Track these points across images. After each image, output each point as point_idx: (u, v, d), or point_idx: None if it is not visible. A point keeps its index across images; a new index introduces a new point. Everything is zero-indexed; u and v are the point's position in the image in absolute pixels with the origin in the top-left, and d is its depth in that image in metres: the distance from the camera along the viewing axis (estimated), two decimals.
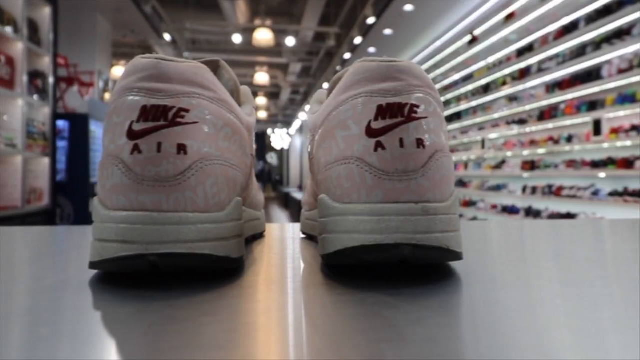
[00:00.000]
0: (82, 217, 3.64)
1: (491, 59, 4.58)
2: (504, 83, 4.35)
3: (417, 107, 0.26)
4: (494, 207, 4.47)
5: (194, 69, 0.27)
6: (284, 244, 0.41)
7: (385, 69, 0.27)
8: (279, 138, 17.70)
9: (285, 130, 17.43)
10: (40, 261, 0.34)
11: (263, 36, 6.18)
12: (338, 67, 7.20)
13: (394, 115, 0.26)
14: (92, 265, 0.25)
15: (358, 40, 5.78)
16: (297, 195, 7.83)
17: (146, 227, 0.24)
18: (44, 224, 3.06)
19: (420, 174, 0.26)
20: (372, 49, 6.21)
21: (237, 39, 6.65)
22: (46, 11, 3.20)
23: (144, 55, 0.27)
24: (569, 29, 3.48)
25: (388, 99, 0.26)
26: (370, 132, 0.26)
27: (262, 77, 8.63)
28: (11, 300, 0.23)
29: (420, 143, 0.26)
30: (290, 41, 6.65)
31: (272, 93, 12.46)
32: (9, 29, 2.70)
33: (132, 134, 0.25)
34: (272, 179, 17.74)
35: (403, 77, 0.27)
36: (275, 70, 9.79)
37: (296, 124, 15.62)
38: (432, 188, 0.26)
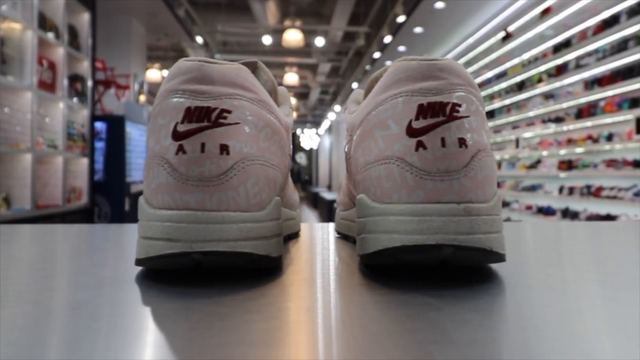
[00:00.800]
0: (119, 216, 3.76)
1: (526, 56, 4.45)
2: (540, 80, 4.23)
3: (459, 106, 0.26)
4: (529, 208, 4.35)
5: (235, 71, 0.27)
6: (319, 244, 0.41)
7: (426, 68, 0.27)
8: (307, 138, 17.77)
9: (314, 130, 17.48)
10: (85, 257, 0.35)
11: (292, 37, 6.22)
12: (367, 67, 7.16)
13: (435, 115, 0.26)
14: (138, 262, 0.26)
15: (388, 39, 5.74)
16: (326, 195, 7.83)
17: (190, 225, 0.25)
18: (83, 222, 3.18)
19: (463, 173, 0.25)
20: (402, 48, 6.16)
21: (267, 40, 6.73)
22: (85, 17, 3.32)
23: (187, 58, 0.27)
24: (610, 23, 3.34)
25: (429, 98, 0.26)
26: (411, 132, 0.26)
27: (291, 78, 8.69)
28: (63, 294, 0.24)
29: (462, 142, 0.25)
30: (319, 41, 6.67)
31: (301, 93, 12.53)
32: (50, 35, 2.82)
33: (176, 135, 0.25)
34: (301, 178, 17.84)
35: (444, 76, 0.26)
36: (304, 71, 9.84)
37: (325, 124, 15.63)
38: (474, 188, 0.25)
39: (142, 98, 5.20)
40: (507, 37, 4.70)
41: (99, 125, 3.75)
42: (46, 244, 0.44)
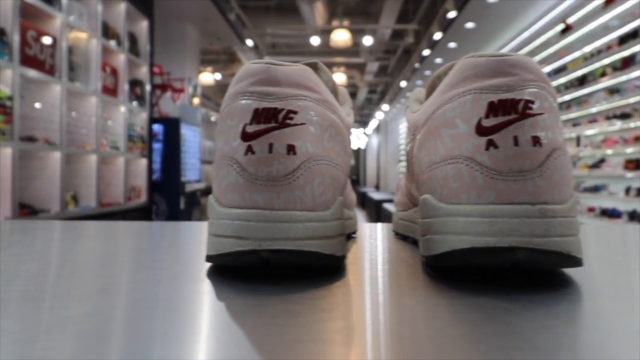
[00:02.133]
0: (174, 214, 3.92)
1: (588, 49, 4.20)
2: (603, 74, 3.98)
3: (532, 102, 0.25)
4: (591, 210, 4.11)
5: (300, 72, 0.28)
6: (378, 244, 0.41)
7: (496, 64, 0.26)
8: (355, 138, 17.73)
9: (361, 130, 17.41)
10: (152, 253, 0.37)
11: (340, 37, 6.23)
12: (416, 65, 7.04)
13: (507, 112, 0.25)
14: (209, 258, 0.27)
15: (438, 35, 5.61)
16: (374, 195, 7.77)
17: (259, 224, 0.25)
18: (142, 219, 3.34)
19: (537, 173, 0.24)
20: (452, 44, 6.00)
21: (315, 40, 6.77)
22: (144, 24, 3.49)
23: (254, 60, 0.28)
24: None
25: (500, 95, 0.25)
26: (481, 130, 0.25)
27: (339, 78, 8.69)
28: (139, 287, 0.25)
29: (536, 141, 0.24)
30: (367, 40, 6.63)
31: (349, 93, 12.50)
32: (112, 43, 2.98)
33: (245, 136, 0.26)
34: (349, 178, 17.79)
35: (516, 72, 0.25)
36: (352, 70, 9.82)
37: (373, 124, 15.52)
38: (550, 189, 0.24)
39: (196, 100, 5.40)
40: (567, 30, 4.46)
41: (157, 127, 3.93)
42: (112, 239, 0.46)
